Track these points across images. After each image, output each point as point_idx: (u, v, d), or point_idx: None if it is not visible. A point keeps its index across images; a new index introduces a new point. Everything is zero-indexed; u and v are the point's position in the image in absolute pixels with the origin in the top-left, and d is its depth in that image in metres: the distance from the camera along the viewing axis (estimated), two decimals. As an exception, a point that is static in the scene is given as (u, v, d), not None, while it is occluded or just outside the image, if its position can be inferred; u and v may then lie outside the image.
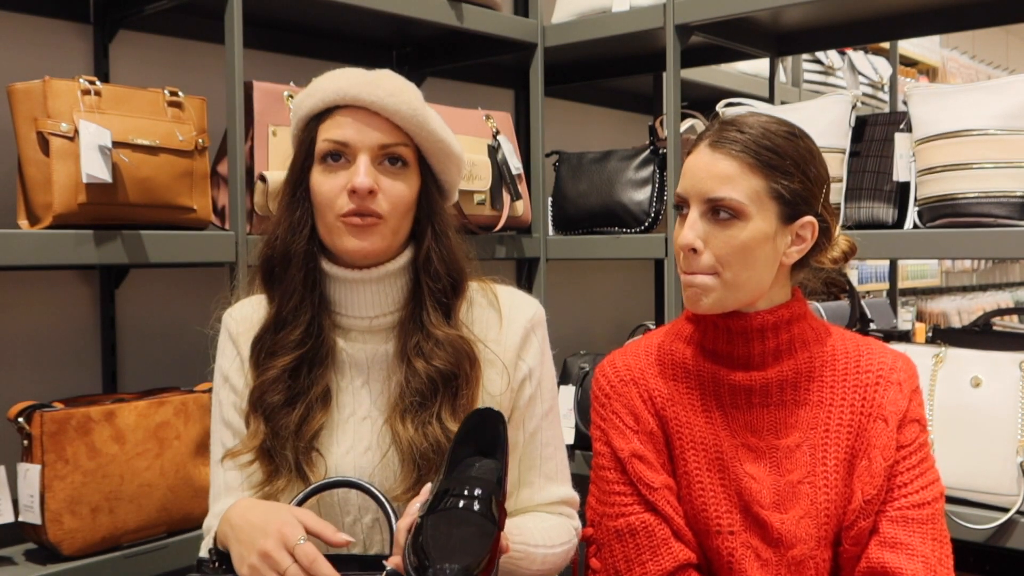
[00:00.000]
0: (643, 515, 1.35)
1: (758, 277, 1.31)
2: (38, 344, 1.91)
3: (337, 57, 2.37)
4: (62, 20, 1.93)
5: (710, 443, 1.35)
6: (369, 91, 1.24)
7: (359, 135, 1.25)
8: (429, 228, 1.30)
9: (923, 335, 2.22)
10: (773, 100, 2.86)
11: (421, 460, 1.23)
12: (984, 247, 1.77)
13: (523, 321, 1.36)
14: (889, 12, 2.31)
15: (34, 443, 1.53)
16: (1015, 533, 1.68)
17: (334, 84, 1.26)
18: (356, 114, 1.25)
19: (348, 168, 1.25)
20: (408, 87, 1.29)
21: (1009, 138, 1.73)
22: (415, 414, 1.26)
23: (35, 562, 1.57)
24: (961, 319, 5.61)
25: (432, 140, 1.29)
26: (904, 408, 1.34)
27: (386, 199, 1.25)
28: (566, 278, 3.02)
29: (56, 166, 1.53)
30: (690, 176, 1.31)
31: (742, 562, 1.32)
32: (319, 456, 1.27)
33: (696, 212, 1.30)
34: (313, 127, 1.28)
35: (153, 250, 1.66)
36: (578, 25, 2.40)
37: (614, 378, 1.42)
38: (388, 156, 1.26)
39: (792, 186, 1.29)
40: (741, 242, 1.27)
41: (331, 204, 1.25)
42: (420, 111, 1.27)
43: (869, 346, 1.40)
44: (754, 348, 1.34)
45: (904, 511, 1.30)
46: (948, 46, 5.71)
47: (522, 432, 1.35)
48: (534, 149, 2.45)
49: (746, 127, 1.30)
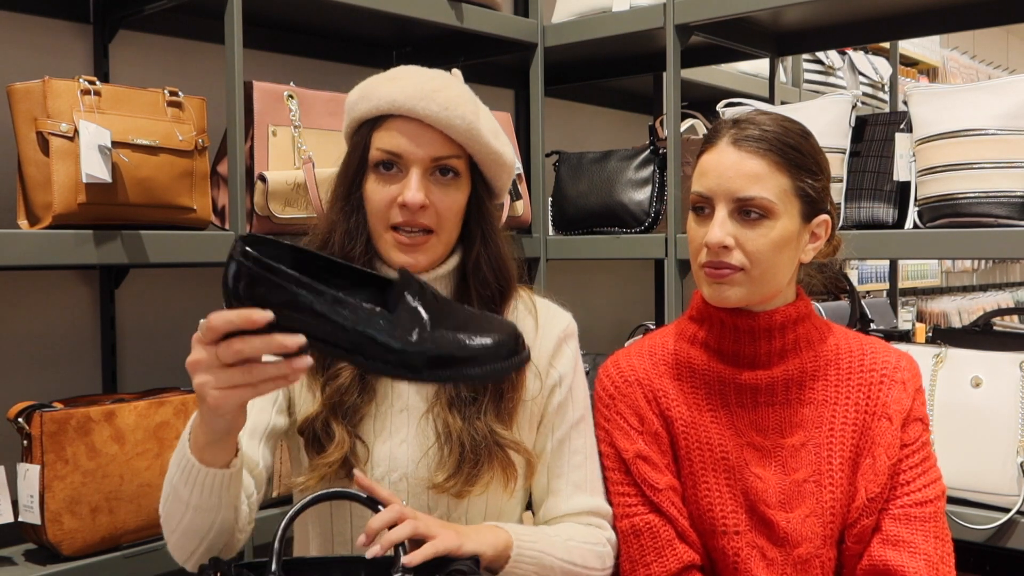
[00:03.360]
0: (648, 516, 1.35)
1: (782, 275, 1.31)
2: (38, 344, 1.91)
3: (337, 57, 2.38)
4: (62, 20, 1.93)
5: (716, 443, 1.35)
6: (424, 105, 1.23)
7: (412, 147, 1.24)
8: (479, 234, 1.32)
9: (923, 335, 2.22)
10: (773, 100, 2.86)
11: (467, 450, 1.24)
12: (984, 247, 1.76)
13: (558, 330, 1.37)
14: (889, 12, 2.31)
15: (34, 443, 1.53)
16: (1015, 533, 1.68)
17: (389, 93, 1.24)
18: (410, 124, 1.24)
19: (400, 178, 1.25)
20: (463, 98, 1.27)
21: (1009, 138, 1.73)
22: (465, 406, 1.27)
23: (35, 562, 1.57)
24: (961, 319, 5.61)
25: (485, 152, 1.29)
26: (908, 407, 1.35)
27: (437, 212, 1.26)
28: (566, 278, 3.02)
29: (56, 166, 1.53)
30: (715, 175, 1.30)
31: (748, 562, 1.32)
32: (362, 444, 1.28)
33: (724, 211, 1.29)
34: (367, 132, 1.27)
35: (153, 250, 1.66)
36: (578, 25, 2.40)
37: (618, 379, 1.41)
38: (440, 167, 1.26)
39: (815, 184, 1.30)
40: (771, 241, 1.28)
41: (382, 215, 1.26)
42: (474, 124, 1.26)
43: (873, 345, 1.40)
44: (761, 347, 1.34)
45: (907, 509, 1.31)
46: (948, 46, 5.71)
47: (550, 439, 1.35)
48: (534, 149, 2.45)
49: (764, 125, 1.30)
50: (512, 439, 1.28)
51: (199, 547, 1.17)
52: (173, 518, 1.15)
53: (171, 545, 1.19)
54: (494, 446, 1.25)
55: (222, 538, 1.17)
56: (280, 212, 1.80)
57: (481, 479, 1.25)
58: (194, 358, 1.01)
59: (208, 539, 1.16)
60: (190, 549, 1.17)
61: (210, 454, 1.09)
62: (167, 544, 1.20)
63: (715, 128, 1.34)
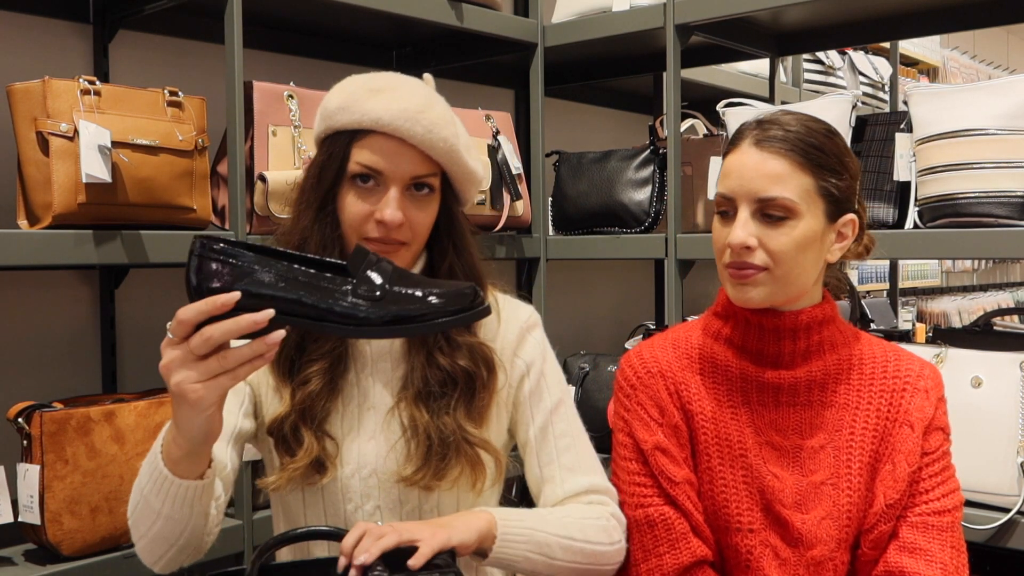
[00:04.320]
0: (663, 508, 1.35)
1: (807, 275, 1.31)
2: (38, 344, 1.91)
3: (337, 57, 2.38)
4: (62, 20, 1.93)
5: (735, 439, 1.35)
6: (408, 127, 1.24)
7: (392, 165, 1.25)
8: (450, 245, 1.33)
9: (923, 335, 2.22)
10: (773, 100, 2.86)
11: (433, 444, 1.25)
12: (984, 247, 1.76)
13: (519, 322, 1.40)
14: (889, 12, 2.31)
15: (34, 443, 1.53)
16: (1015, 533, 1.68)
17: (374, 110, 1.24)
18: (391, 142, 1.25)
19: (378, 192, 1.26)
20: (445, 119, 1.28)
21: (1009, 138, 1.73)
22: (432, 400, 1.28)
23: (35, 562, 1.57)
24: (961, 319, 5.61)
25: (462, 171, 1.31)
26: (930, 415, 1.35)
27: (411, 227, 1.28)
28: (566, 278, 3.02)
29: (56, 166, 1.53)
30: (737, 176, 1.30)
31: (760, 560, 1.32)
32: (332, 443, 1.29)
33: (746, 212, 1.29)
34: (345, 143, 1.27)
35: (153, 250, 1.66)
36: (578, 25, 2.40)
37: (641, 369, 1.41)
38: (416, 184, 1.28)
39: (840, 183, 1.30)
40: (794, 240, 1.28)
41: (358, 227, 1.27)
42: (455, 146, 1.28)
43: (897, 352, 1.40)
44: (785, 347, 1.34)
45: (925, 517, 1.30)
46: (948, 46, 5.72)
47: (532, 428, 1.37)
48: (534, 149, 2.45)
49: (787, 125, 1.30)
50: (481, 438, 1.29)
51: (168, 552, 1.18)
52: (142, 524, 1.16)
53: (139, 549, 1.19)
54: (463, 443, 1.27)
55: (192, 543, 1.18)
56: (280, 212, 1.80)
57: (449, 474, 1.27)
58: (166, 360, 1.03)
59: (178, 545, 1.17)
60: (159, 554, 1.18)
61: (184, 467, 1.09)
62: (135, 547, 1.20)
63: (739, 129, 1.34)
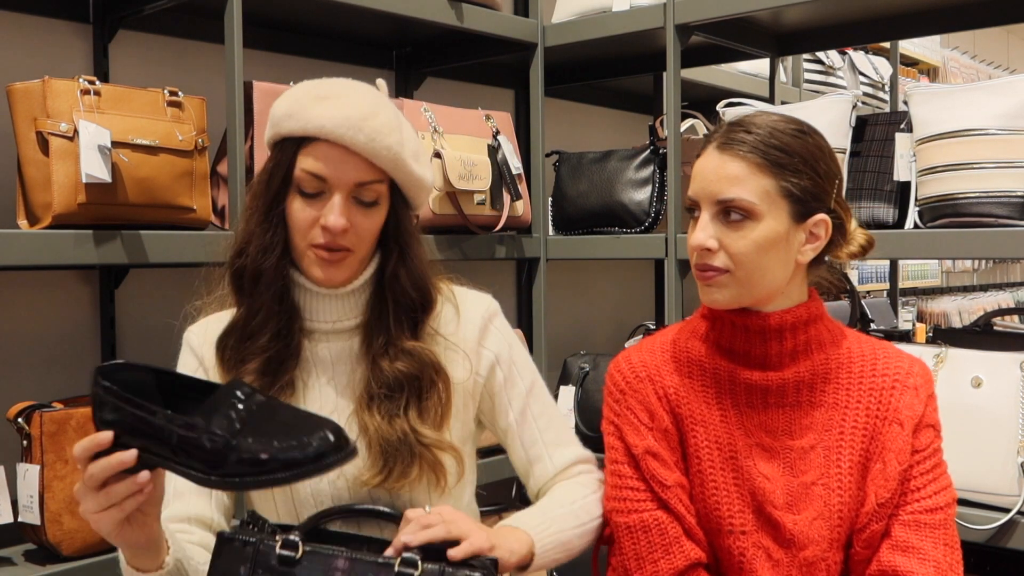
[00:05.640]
0: (655, 512, 1.35)
1: (772, 275, 1.31)
2: (38, 344, 1.91)
3: (337, 57, 2.37)
4: (62, 20, 1.93)
5: (724, 442, 1.35)
6: (351, 135, 1.24)
7: (337, 172, 1.26)
8: (397, 251, 1.33)
9: (923, 335, 2.22)
10: (773, 100, 2.86)
11: (388, 448, 1.27)
12: (984, 247, 1.76)
13: (479, 313, 1.41)
14: (889, 12, 2.31)
15: (33, 443, 1.53)
16: (1015, 533, 1.68)
17: (318, 118, 1.25)
18: (335, 149, 1.25)
19: (323, 199, 1.27)
20: (390, 126, 1.28)
21: (1009, 138, 1.73)
22: (381, 404, 1.30)
23: (35, 562, 1.57)
24: (962, 319, 5.61)
25: (407, 178, 1.31)
26: (920, 413, 1.34)
27: (357, 233, 1.28)
28: (566, 278, 3.02)
29: (56, 166, 1.53)
30: (700, 179, 1.31)
31: (753, 562, 1.32)
32: None
33: (708, 214, 1.30)
34: (291, 149, 1.28)
35: (153, 250, 1.66)
36: (578, 25, 2.40)
37: (629, 374, 1.41)
38: (362, 190, 1.28)
39: (802, 184, 1.29)
40: (753, 242, 1.28)
41: (303, 234, 1.28)
42: (399, 154, 1.28)
43: (885, 350, 1.39)
44: (771, 348, 1.34)
45: (917, 515, 1.30)
46: (948, 46, 5.72)
47: (511, 414, 1.40)
48: (534, 149, 2.45)
49: (754, 127, 1.30)
50: (436, 439, 1.30)
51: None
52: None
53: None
54: (416, 444, 1.28)
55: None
56: (280, 212, 1.80)
57: (408, 476, 1.28)
58: (76, 487, 1.10)
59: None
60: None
61: (138, 561, 1.17)
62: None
63: (708, 133, 1.36)
